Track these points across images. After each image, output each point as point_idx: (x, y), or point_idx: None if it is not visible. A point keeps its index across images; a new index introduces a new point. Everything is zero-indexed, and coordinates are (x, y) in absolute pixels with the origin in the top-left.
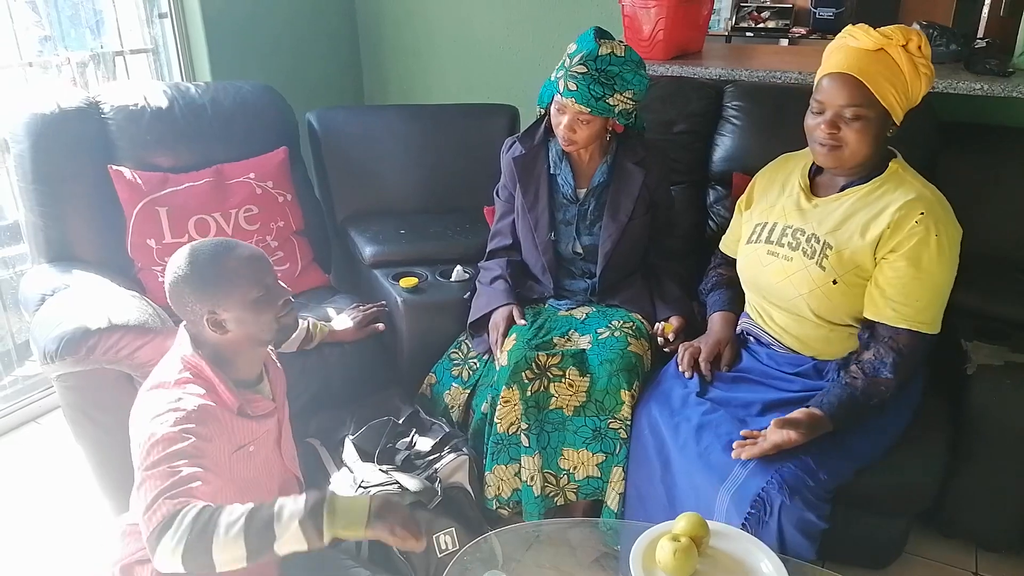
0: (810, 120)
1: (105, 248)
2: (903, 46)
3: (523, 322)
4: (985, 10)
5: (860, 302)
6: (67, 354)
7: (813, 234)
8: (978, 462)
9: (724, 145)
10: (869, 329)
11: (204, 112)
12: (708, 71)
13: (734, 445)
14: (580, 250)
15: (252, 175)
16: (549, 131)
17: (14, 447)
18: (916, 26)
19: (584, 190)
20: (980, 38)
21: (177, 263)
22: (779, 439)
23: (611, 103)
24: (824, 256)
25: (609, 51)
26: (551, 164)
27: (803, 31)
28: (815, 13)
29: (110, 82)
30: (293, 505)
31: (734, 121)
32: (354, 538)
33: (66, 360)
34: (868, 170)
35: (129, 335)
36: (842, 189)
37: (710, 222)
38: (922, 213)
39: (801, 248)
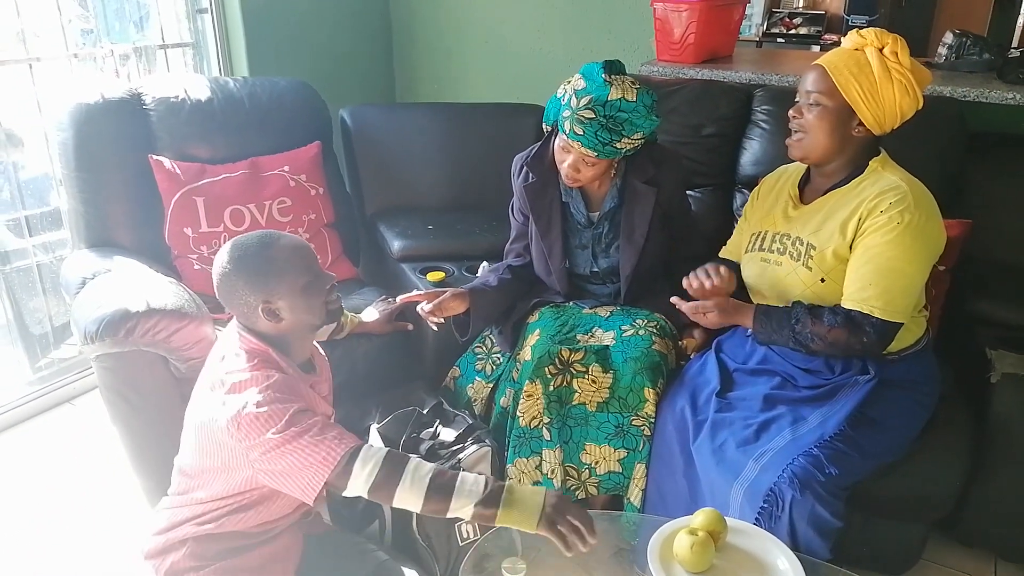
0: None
1: (143, 235)
2: (879, 49)
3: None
4: (1020, 20)
5: None
6: (107, 335)
7: (798, 237)
8: (999, 471)
9: (752, 149)
10: None
11: (242, 106)
12: (738, 75)
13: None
14: (597, 270)
15: (286, 168)
16: None
17: (49, 427)
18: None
19: (597, 214)
20: (1014, 47)
21: (224, 259)
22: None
23: (618, 147)
24: (809, 257)
25: (620, 95)
26: (562, 192)
27: (836, 38)
28: (848, 20)
29: (150, 75)
30: (473, 484)
31: (763, 125)
32: (523, 530)
33: (106, 341)
34: (849, 172)
35: (166, 319)
36: (825, 193)
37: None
38: (891, 202)
39: (788, 252)
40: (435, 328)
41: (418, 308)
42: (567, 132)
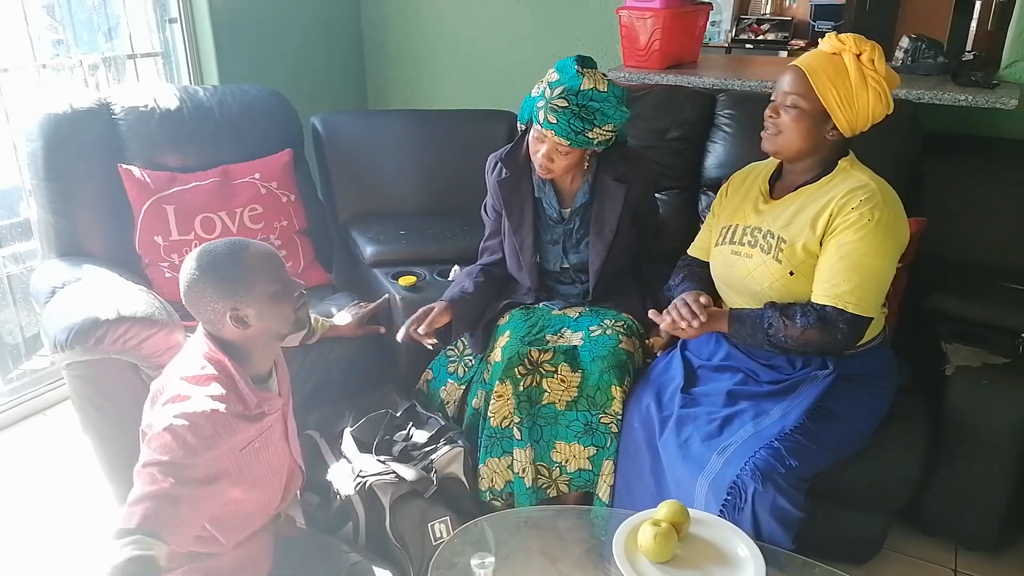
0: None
1: (114, 244)
2: (856, 55)
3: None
4: (973, 24)
5: None
6: (77, 343)
7: (769, 231)
8: (957, 461)
9: (716, 152)
10: None
11: (212, 114)
12: (702, 80)
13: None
14: (567, 266)
15: (257, 176)
16: None
17: (21, 438)
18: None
19: (568, 209)
20: (968, 51)
21: (193, 265)
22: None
23: (591, 136)
24: (779, 250)
25: (592, 86)
26: (535, 187)
27: (802, 43)
28: (814, 26)
29: (120, 84)
30: None
31: (726, 129)
32: None
33: (76, 349)
34: (819, 170)
35: (137, 326)
36: (795, 190)
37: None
38: (861, 199)
39: (759, 245)
40: (430, 347)
41: (412, 334)
42: (541, 121)
